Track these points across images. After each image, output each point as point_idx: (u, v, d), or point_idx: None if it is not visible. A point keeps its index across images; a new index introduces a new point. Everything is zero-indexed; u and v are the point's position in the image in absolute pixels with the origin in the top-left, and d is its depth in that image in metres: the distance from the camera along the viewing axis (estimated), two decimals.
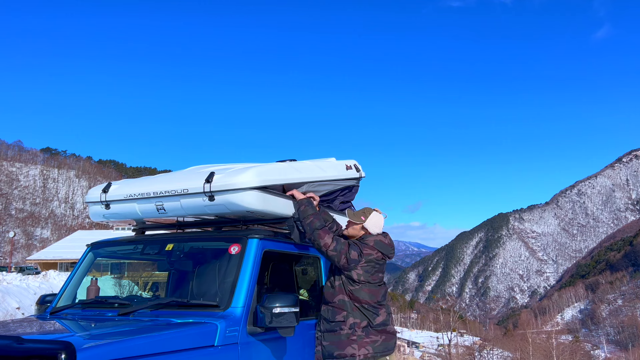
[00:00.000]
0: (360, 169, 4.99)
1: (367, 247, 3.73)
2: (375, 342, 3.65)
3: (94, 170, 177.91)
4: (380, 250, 3.76)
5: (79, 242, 28.92)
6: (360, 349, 3.61)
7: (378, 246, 3.76)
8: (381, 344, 3.67)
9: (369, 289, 3.70)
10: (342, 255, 3.64)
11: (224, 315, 3.22)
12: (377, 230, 3.86)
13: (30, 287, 19.26)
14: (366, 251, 3.70)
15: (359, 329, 3.64)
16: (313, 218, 3.73)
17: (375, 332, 3.68)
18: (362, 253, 3.69)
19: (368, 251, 3.71)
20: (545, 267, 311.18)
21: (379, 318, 3.71)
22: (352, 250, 3.67)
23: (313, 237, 3.71)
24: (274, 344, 3.46)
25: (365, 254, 3.69)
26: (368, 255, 3.69)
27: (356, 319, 3.66)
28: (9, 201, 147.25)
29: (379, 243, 3.79)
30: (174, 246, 3.93)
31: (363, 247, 3.72)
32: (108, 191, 4.06)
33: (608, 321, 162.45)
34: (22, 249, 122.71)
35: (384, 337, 3.70)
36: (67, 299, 3.99)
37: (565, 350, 50.26)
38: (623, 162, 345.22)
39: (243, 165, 4.08)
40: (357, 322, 3.65)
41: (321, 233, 3.68)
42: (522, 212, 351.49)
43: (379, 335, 3.68)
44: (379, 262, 3.75)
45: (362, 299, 3.67)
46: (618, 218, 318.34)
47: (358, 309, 3.67)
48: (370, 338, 3.65)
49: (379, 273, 3.77)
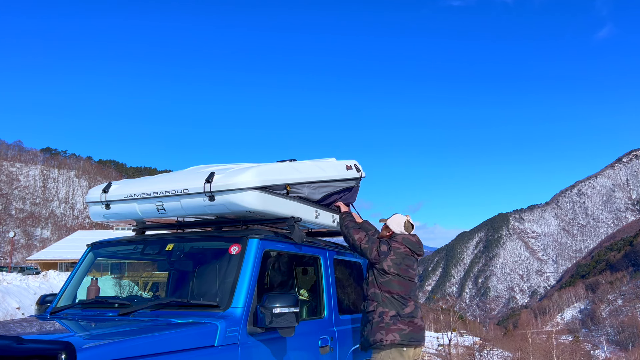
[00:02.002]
0: (361, 169, 4.99)
1: (396, 242, 4.16)
2: (402, 330, 3.96)
3: (94, 170, 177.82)
4: (407, 246, 4.16)
5: (79, 242, 28.90)
6: (388, 334, 3.94)
7: (405, 242, 4.18)
8: (408, 333, 3.97)
9: (399, 281, 4.06)
10: (374, 248, 4.09)
11: (224, 315, 3.22)
12: (398, 228, 4.28)
13: (30, 287, 19.27)
14: (394, 245, 4.13)
15: (387, 317, 3.99)
16: (349, 222, 4.33)
17: (403, 321, 3.99)
18: (390, 247, 4.12)
19: (396, 245, 4.14)
20: (545, 267, 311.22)
21: (407, 309, 4.03)
22: (382, 245, 4.13)
23: (348, 234, 4.25)
24: (274, 344, 3.46)
25: (394, 247, 4.12)
26: (396, 249, 4.11)
27: (385, 308, 4.02)
28: (9, 201, 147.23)
29: (407, 240, 4.20)
30: (174, 246, 3.93)
31: (392, 242, 4.16)
32: (108, 191, 4.06)
33: (608, 321, 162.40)
34: (22, 249, 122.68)
35: (411, 328, 4.00)
36: (67, 299, 3.99)
37: (565, 350, 50.29)
38: (623, 162, 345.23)
39: (243, 165, 4.08)
40: (386, 311, 4.00)
41: (354, 231, 4.24)
42: (522, 212, 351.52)
43: (407, 325, 3.99)
44: (407, 257, 4.14)
45: (392, 290, 4.04)
46: (618, 218, 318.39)
47: (388, 299, 4.03)
48: (398, 326, 3.97)
49: (409, 269, 4.13)
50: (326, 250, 4.47)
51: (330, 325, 4.24)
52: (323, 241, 4.72)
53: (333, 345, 4.17)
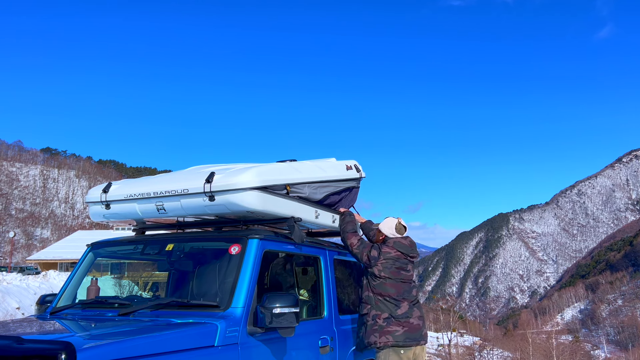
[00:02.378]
0: (361, 169, 5.00)
1: (387, 246, 4.22)
2: (395, 331, 4.02)
3: (94, 170, 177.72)
4: (399, 250, 4.21)
5: (79, 242, 28.90)
6: (381, 337, 4.02)
7: (397, 246, 4.22)
8: (402, 333, 4.03)
9: (391, 284, 4.12)
10: (364, 253, 4.21)
11: (224, 315, 3.22)
12: (390, 231, 4.31)
13: (30, 287, 19.25)
14: (385, 250, 4.19)
15: (379, 320, 4.06)
16: (347, 224, 4.44)
17: (396, 322, 4.05)
18: (381, 251, 4.18)
19: (387, 250, 4.19)
20: (545, 267, 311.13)
21: (400, 310, 4.08)
22: (373, 250, 4.21)
23: (344, 238, 4.37)
24: (274, 344, 3.46)
25: (384, 252, 4.18)
26: (387, 254, 4.17)
27: (377, 311, 4.09)
28: (9, 201, 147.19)
29: (398, 243, 4.24)
30: (174, 246, 3.93)
31: (382, 247, 4.23)
32: (108, 191, 4.06)
33: (608, 321, 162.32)
34: (22, 249, 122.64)
35: (406, 328, 4.05)
36: (67, 299, 3.99)
37: (565, 350, 50.27)
38: (623, 162, 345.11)
39: (243, 165, 4.08)
40: (379, 314, 4.08)
41: (349, 235, 4.34)
42: (522, 212, 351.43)
43: (401, 326, 4.04)
44: (398, 260, 4.18)
45: (384, 292, 4.11)
46: (618, 218, 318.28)
47: (380, 302, 4.10)
48: (392, 328, 4.03)
49: (401, 270, 4.18)
50: (326, 250, 4.48)
51: (330, 325, 4.24)
52: (323, 241, 4.72)
53: (333, 346, 4.17)
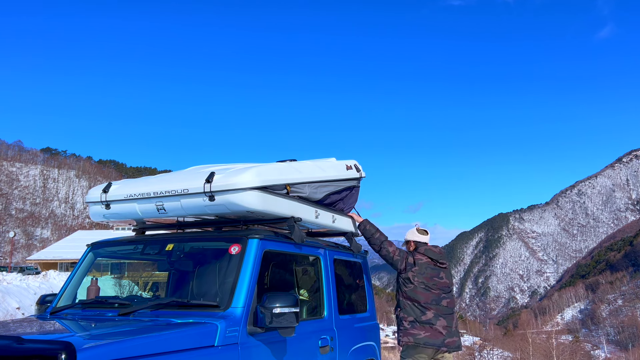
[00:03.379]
0: (361, 169, 4.99)
1: (419, 253, 4.65)
2: (418, 334, 4.42)
3: (94, 170, 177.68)
4: (429, 257, 4.61)
5: (79, 242, 28.88)
6: (404, 337, 4.48)
7: (427, 253, 4.64)
8: (423, 337, 4.41)
9: (421, 291, 4.49)
10: (404, 260, 4.60)
11: (224, 315, 3.21)
12: (414, 237, 4.77)
13: (30, 287, 19.24)
14: (417, 257, 4.62)
15: (406, 322, 4.50)
16: (378, 233, 4.73)
17: (420, 326, 4.43)
18: (415, 259, 4.60)
19: (419, 257, 4.62)
20: (545, 267, 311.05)
21: (425, 316, 4.45)
22: (409, 257, 4.63)
23: (381, 247, 4.68)
24: (274, 344, 3.45)
25: (417, 259, 4.60)
26: (419, 260, 4.59)
27: (405, 314, 4.52)
28: (9, 201, 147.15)
29: (428, 251, 4.66)
30: (174, 246, 3.92)
31: (415, 254, 4.65)
32: (108, 191, 4.05)
33: (608, 321, 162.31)
34: (22, 249, 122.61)
35: (428, 333, 4.41)
36: (67, 299, 3.99)
37: (565, 350, 50.26)
38: (623, 162, 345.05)
39: (243, 165, 4.08)
40: (405, 317, 4.51)
41: (387, 243, 4.69)
42: (522, 212, 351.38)
43: (424, 330, 4.42)
44: (429, 266, 4.57)
45: (414, 298, 4.49)
46: (618, 218, 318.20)
47: (409, 306, 4.51)
48: (414, 331, 4.44)
49: (434, 277, 4.55)
50: (326, 250, 4.47)
51: (330, 325, 4.24)
52: (323, 241, 4.72)
53: (333, 345, 4.16)
